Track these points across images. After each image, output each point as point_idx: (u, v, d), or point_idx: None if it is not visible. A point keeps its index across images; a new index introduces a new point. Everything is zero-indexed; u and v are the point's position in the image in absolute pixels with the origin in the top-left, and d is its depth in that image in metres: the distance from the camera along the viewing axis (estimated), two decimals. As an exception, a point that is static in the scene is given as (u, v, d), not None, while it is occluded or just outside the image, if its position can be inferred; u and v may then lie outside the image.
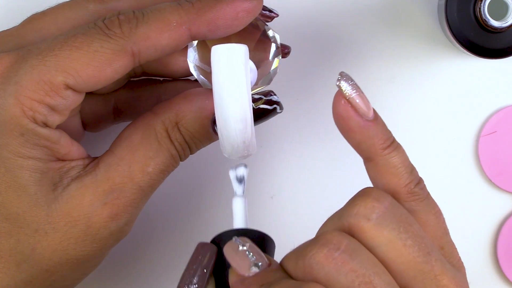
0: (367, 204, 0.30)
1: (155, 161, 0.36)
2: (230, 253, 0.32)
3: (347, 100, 0.32)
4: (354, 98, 0.32)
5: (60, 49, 0.33)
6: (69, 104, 0.34)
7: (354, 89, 0.32)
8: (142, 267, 0.47)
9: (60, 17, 0.37)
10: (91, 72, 0.33)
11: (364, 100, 0.32)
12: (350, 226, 0.30)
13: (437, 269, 0.30)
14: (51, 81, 0.33)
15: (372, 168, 0.34)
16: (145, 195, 0.36)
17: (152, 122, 0.36)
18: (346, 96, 0.32)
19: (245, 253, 0.32)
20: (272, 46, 0.38)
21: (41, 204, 0.34)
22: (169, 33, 0.34)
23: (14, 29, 0.38)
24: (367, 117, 0.32)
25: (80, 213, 0.35)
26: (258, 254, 0.32)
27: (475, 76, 0.47)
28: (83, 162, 0.36)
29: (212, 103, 0.36)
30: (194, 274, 0.33)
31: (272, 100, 0.38)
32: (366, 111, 0.32)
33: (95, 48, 0.33)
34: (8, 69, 0.34)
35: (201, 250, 0.34)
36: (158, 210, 0.47)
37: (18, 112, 0.33)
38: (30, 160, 0.34)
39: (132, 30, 0.34)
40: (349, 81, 0.32)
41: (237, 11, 0.35)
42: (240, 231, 0.34)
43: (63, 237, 0.35)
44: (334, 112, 0.33)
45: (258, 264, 0.31)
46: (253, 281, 0.31)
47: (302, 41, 0.46)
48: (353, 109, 0.32)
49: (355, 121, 0.32)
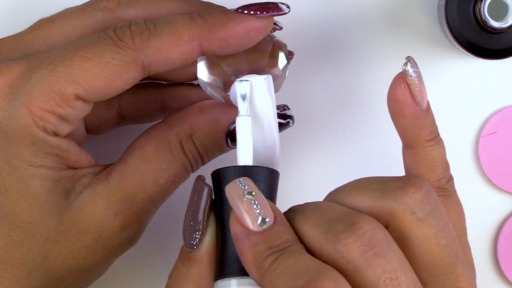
0: (417, 197, 0.30)
1: (168, 173, 0.36)
2: (234, 199, 0.29)
3: (407, 85, 0.32)
4: (415, 85, 0.32)
5: (71, 60, 0.33)
6: (78, 114, 0.34)
7: (417, 77, 0.32)
8: (143, 267, 0.47)
9: (67, 25, 0.37)
10: (102, 83, 0.33)
11: (423, 90, 0.33)
12: (392, 211, 0.30)
13: (459, 271, 0.31)
14: (62, 92, 0.33)
15: (410, 156, 0.34)
16: (156, 206, 0.37)
17: (166, 134, 0.36)
18: (408, 81, 0.32)
19: (250, 202, 0.29)
20: (281, 55, 0.38)
21: (53, 212, 0.34)
22: (180, 48, 0.34)
23: (20, 36, 0.38)
24: (421, 107, 0.33)
25: (92, 222, 0.35)
26: (265, 207, 0.30)
27: (475, 76, 0.47)
28: (93, 170, 0.36)
29: (227, 116, 0.36)
30: (192, 217, 0.32)
31: (286, 114, 0.39)
32: (422, 100, 0.33)
33: (106, 59, 0.33)
34: (19, 79, 0.34)
35: (196, 189, 0.33)
36: (160, 212, 0.47)
37: (29, 122, 0.33)
38: (41, 169, 0.34)
39: (144, 42, 0.34)
40: (415, 68, 0.33)
41: (249, 30, 0.35)
42: (246, 170, 0.32)
43: (74, 246, 0.35)
44: (391, 93, 0.33)
45: (265, 220, 0.29)
46: (260, 240, 0.29)
47: (302, 41, 0.46)
48: (411, 95, 0.32)
49: (409, 108, 0.33)
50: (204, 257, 0.32)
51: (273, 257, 0.28)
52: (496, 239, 0.47)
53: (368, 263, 0.28)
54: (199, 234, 0.32)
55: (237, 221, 0.29)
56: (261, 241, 0.29)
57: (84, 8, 0.38)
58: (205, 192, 0.32)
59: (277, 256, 0.28)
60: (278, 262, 0.28)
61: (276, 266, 0.28)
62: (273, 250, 0.29)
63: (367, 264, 0.28)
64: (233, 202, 0.29)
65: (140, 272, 0.47)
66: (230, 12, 0.35)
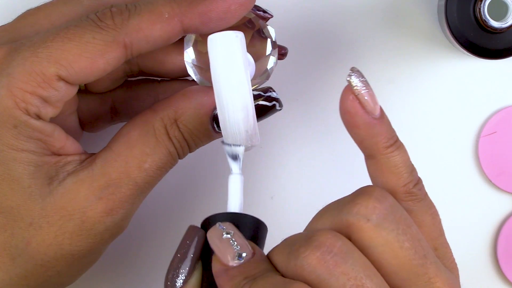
0: (368, 204, 0.30)
1: (152, 158, 0.36)
2: (214, 240, 0.32)
3: (355, 96, 0.32)
4: (363, 95, 0.32)
5: (52, 41, 0.33)
6: (61, 96, 0.34)
7: (364, 86, 0.32)
8: (139, 264, 0.47)
9: (55, 12, 0.38)
10: (83, 63, 0.33)
11: (372, 98, 0.32)
12: (348, 224, 0.30)
13: (431, 271, 0.30)
14: (43, 72, 0.33)
15: (372, 166, 0.34)
16: (142, 192, 0.36)
17: (151, 119, 0.36)
18: (355, 92, 0.32)
19: (229, 241, 0.31)
20: (268, 41, 0.38)
21: (35, 197, 0.34)
22: (161, 25, 0.34)
23: (8, 25, 0.38)
24: (373, 115, 0.32)
25: (75, 207, 0.35)
26: (242, 244, 0.31)
27: (475, 76, 0.47)
28: (79, 158, 0.36)
29: (211, 99, 0.36)
30: (181, 259, 0.33)
31: (271, 96, 0.38)
32: (373, 108, 0.32)
33: (87, 39, 0.33)
34: (1, 62, 0.34)
35: (189, 234, 0.33)
36: (155, 207, 0.47)
37: (10, 104, 0.33)
38: (23, 153, 0.34)
39: (124, 21, 0.34)
40: (359, 77, 0.32)
41: (230, 3, 0.35)
42: (233, 216, 0.33)
43: (58, 232, 0.35)
44: (341, 106, 0.33)
45: (242, 255, 0.31)
46: (237, 273, 0.31)
47: (302, 41, 0.46)
48: (360, 106, 0.32)
49: (361, 118, 0.32)
50: None
51: (248, 284, 0.30)
52: (496, 239, 0.47)
53: (330, 272, 0.29)
54: (185, 276, 0.33)
55: (217, 260, 0.31)
56: (237, 273, 0.31)
57: None
58: (198, 236, 0.33)
59: (252, 283, 0.30)
60: (252, 287, 0.30)
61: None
62: (248, 279, 0.30)
63: (329, 273, 0.29)
64: (213, 243, 0.32)
65: (133, 267, 0.47)
66: None
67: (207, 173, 0.47)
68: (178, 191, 0.47)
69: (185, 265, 0.33)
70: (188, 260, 0.33)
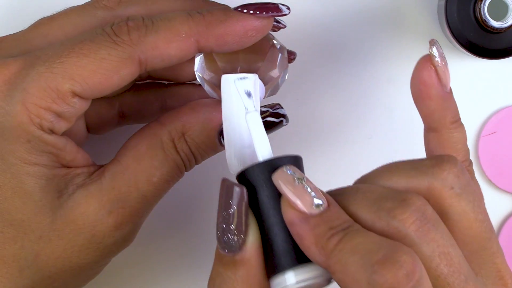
0: (454, 172, 0.30)
1: (161, 171, 0.36)
2: (286, 186, 0.29)
3: (435, 68, 0.32)
4: (442, 68, 0.32)
5: (67, 56, 0.33)
6: (75, 111, 0.34)
7: (443, 59, 0.33)
8: (141, 272, 0.47)
9: (68, 23, 0.37)
10: (98, 79, 0.33)
11: (447, 72, 0.33)
12: (431, 188, 0.30)
13: (495, 246, 0.31)
14: (58, 89, 0.33)
15: (434, 139, 0.34)
16: (150, 205, 0.36)
17: (159, 132, 0.36)
18: (435, 64, 0.32)
19: (303, 187, 0.29)
20: (280, 56, 0.38)
21: (46, 211, 0.34)
22: (177, 44, 0.34)
23: (21, 34, 0.38)
24: (446, 89, 0.33)
25: (85, 221, 0.35)
26: (317, 191, 0.29)
27: (475, 76, 0.47)
28: (88, 170, 0.36)
29: (218, 114, 0.36)
30: (230, 219, 0.30)
31: (279, 113, 0.38)
32: (447, 82, 0.33)
33: (103, 55, 0.33)
34: (16, 76, 0.34)
35: (230, 188, 0.30)
36: (158, 216, 0.46)
37: (25, 119, 0.33)
38: (36, 167, 0.34)
39: (140, 38, 0.34)
40: (440, 50, 0.33)
41: (247, 29, 0.35)
42: (273, 162, 0.30)
43: (67, 245, 0.35)
44: (417, 76, 0.33)
45: (320, 203, 0.29)
46: (319, 221, 0.29)
47: (302, 40, 0.46)
48: (437, 78, 0.32)
49: (437, 90, 0.33)
50: (252, 257, 0.30)
51: (338, 236, 0.28)
52: (496, 239, 0.47)
53: (424, 237, 0.28)
54: (242, 236, 0.30)
55: (291, 207, 0.29)
56: (320, 222, 0.29)
57: (85, 6, 0.38)
58: (239, 192, 0.30)
59: (342, 235, 0.28)
60: (345, 241, 0.28)
61: (343, 245, 0.28)
62: (335, 230, 0.28)
63: (423, 238, 0.28)
64: (285, 189, 0.29)
65: (136, 273, 0.47)
66: (229, 10, 0.35)
67: (209, 178, 0.47)
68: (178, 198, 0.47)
69: (237, 224, 0.30)
70: (238, 218, 0.30)
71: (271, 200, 0.30)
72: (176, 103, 0.41)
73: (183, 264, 0.47)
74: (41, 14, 0.39)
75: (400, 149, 0.47)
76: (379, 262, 0.26)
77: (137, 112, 0.41)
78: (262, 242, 0.31)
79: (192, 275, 0.47)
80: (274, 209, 0.30)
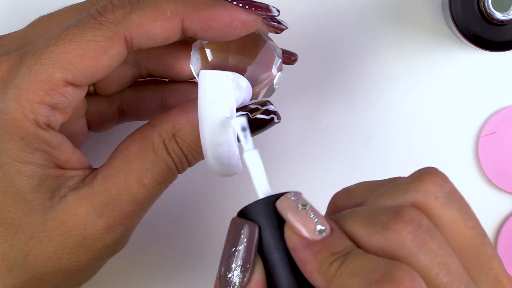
0: (435, 182, 0.30)
1: (152, 173, 0.35)
2: (290, 212, 0.29)
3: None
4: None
5: (54, 45, 0.33)
6: (70, 101, 0.34)
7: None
8: (134, 279, 0.47)
9: (67, 20, 0.37)
10: (87, 62, 0.33)
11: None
12: (416, 203, 0.29)
13: (490, 252, 0.30)
14: (49, 80, 0.33)
15: None
16: (142, 208, 0.36)
17: (149, 134, 0.36)
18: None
19: (306, 213, 0.29)
20: (276, 59, 0.38)
21: (37, 211, 0.34)
22: (162, 22, 0.34)
23: (20, 31, 0.38)
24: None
25: (76, 223, 0.34)
26: (320, 217, 0.29)
27: (481, 69, 0.47)
28: (83, 173, 0.35)
29: None
30: (237, 255, 0.30)
31: (269, 109, 0.38)
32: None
33: (88, 37, 0.33)
34: (8, 72, 0.34)
35: (239, 226, 0.30)
36: (154, 220, 0.46)
37: (19, 116, 0.33)
38: (28, 166, 0.33)
39: (126, 15, 0.34)
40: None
41: (233, 19, 0.35)
42: (270, 200, 0.30)
43: (57, 247, 0.34)
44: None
45: (323, 229, 0.29)
46: (322, 248, 0.29)
47: (302, 37, 0.47)
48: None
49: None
50: None
51: (339, 262, 0.28)
52: (496, 239, 0.47)
53: (421, 247, 0.28)
54: (247, 274, 0.30)
55: (295, 233, 0.29)
56: (323, 249, 0.29)
57: (84, 4, 0.38)
58: (250, 229, 0.30)
59: (343, 260, 0.28)
60: (346, 264, 0.28)
61: (344, 269, 0.28)
62: (337, 256, 0.28)
63: (420, 248, 0.28)
64: (289, 215, 0.29)
65: (130, 279, 0.46)
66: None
67: (203, 182, 0.47)
68: (174, 202, 0.46)
69: (245, 261, 0.30)
70: (248, 255, 0.30)
71: (274, 236, 0.30)
72: (175, 100, 0.41)
73: (178, 269, 0.47)
74: (41, 13, 0.39)
75: (400, 149, 0.47)
76: (377, 281, 0.26)
77: (137, 109, 0.41)
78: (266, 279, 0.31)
79: (188, 280, 0.46)
80: (277, 245, 0.30)
